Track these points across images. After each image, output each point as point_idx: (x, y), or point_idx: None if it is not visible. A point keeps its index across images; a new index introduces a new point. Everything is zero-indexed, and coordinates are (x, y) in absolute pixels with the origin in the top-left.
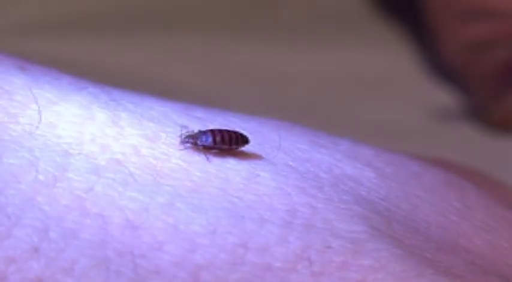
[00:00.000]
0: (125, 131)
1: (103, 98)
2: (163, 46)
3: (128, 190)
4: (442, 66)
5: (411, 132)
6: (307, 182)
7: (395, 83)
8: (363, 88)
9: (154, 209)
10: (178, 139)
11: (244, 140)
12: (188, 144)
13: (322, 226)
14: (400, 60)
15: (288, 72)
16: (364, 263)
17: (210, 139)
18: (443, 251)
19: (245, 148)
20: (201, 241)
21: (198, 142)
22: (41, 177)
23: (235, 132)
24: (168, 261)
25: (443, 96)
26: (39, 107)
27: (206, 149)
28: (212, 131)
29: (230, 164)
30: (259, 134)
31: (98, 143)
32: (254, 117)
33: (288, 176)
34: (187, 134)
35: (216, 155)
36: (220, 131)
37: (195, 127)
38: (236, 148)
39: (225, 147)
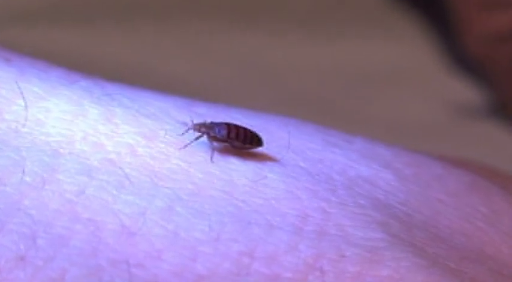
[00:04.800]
0: (119, 128)
1: (96, 93)
2: (161, 37)
3: (123, 193)
4: (463, 59)
5: (431, 130)
6: (319, 184)
7: (413, 77)
8: (379, 83)
9: (152, 213)
10: (179, 137)
11: (259, 142)
12: (198, 134)
13: (335, 233)
14: (418, 52)
15: (297, 65)
16: (382, 274)
17: (224, 132)
18: (468, 260)
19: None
20: (203, 249)
21: (211, 133)
22: (27, 178)
23: (251, 131)
24: (167, 271)
25: (465, 91)
26: (25, 103)
27: (217, 141)
28: (228, 124)
29: (234, 164)
30: (266, 131)
31: (90, 141)
32: (260, 114)
33: (298, 178)
34: (199, 123)
35: (220, 154)
36: (236, 126)
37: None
38: (248, 148)
39: (237, 144)
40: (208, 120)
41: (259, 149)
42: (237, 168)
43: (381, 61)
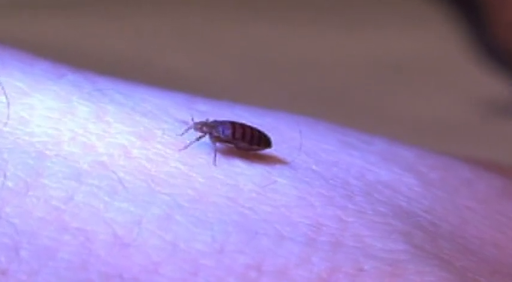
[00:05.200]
0: (112, 127)
1: (86, 88)
2: (157, 26)
3: (116, 200)
4: (493, 50)
5: (459, 129)
6: (334, 190)
7: (438, 70)
8: (400, 76)
9: (148, 222)
10: (178, 137)
11: (267, 142)
12: (199, 134)
13: (352, 244)
14: (443, 43)
15: (310, 57)
16: None
17: (229, 132)
18: (500, 274)
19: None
20: (205, 262)
21: (214, 132)
22: (9, 183)
23: (259, 131)
24: None
25: (495, 86)
26: (7, 99)
27: (221, 141)
28: (233, 123)
29: (240, 168)
30: (275, 131)
31: (79, 142)
32: (269, 111)
33: (311, 182)
34: (200, 121)
35: (223, 156)
36: (242, 125)
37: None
38: (255, 149)
39: (243, 145)
40: (211, 119)
41: (268, 151)
42: (242, 172)
43: (403, 52)
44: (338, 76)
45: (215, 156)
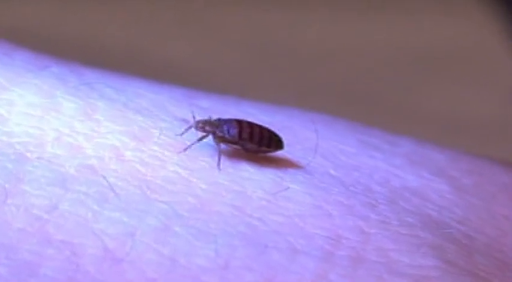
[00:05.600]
0: (102, 126)
1: (72, 82)
2: (153, 11)
3: (107, 209)
4: None
5: (496, 128)
6: (355, 197)
7: (474, 62)
8: (430, 68)
9: (144, 234)
10: (177, 137)
11: (278, 143)
12: (201, 133)
13: (376, 259)
14: (480, 32)
15: (326, 46)
16: None
17: (235, 131)
18: None
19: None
20: (208, 279)
21: (218, 132)
22: None
23: (269, 130)
24: None
25: None
26: None
27: (226, 142)
28: (239, 121)
29: (248, 172)
30: (287, 130)
31: (64, 143)
32: (280, 108)
33: (328, 189)
34: (203, 119)
35: (229, 159)
36: (249, 124)
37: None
38: (265, 151)
39: (251, 147)
40: (214, 117)
41: (279, 153)
42: (250, 177)
43: (433, 41)
44: (358, 67)
45: (219, 159)
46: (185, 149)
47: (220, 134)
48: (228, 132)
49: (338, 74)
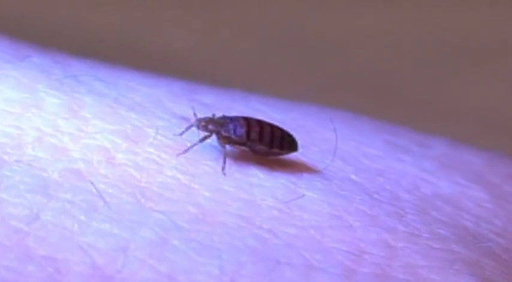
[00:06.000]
0: (89, 125)
1: (56, 74)
2: None
3: (95, 219)
4: None
5: None
6: (379, 206)
7: None
8: (466, 60)
9: (138, 249)
10: (176, 138)
11: (292, 145)
12: (204, 133)
13: (403, 277)
14: None
15: (349, 34)
16: None
17: (242, 131)
18: None
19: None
20: None
21: (223, 132)
22: None
23: (281, 130)
24: None
25: None
26: None
27: (232, 143)
28: (247, 119)
29: (257, 178)
30: (302, 130)
31: (47, 144)
32: (294, 104)
33: (349, 197)
34: (205, 117)
35: (235, 162)
36: (259, 122)
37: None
38: (277, 154)
39: (261, 148)
40: (219, 114)
41: (293, 155)
42: (260, 183)
43: (472, 31)
44: (384, 59)
45: (224, 162)
46: (185, 151)
47: (225, 134)
48: (235, 131)
49: (361, 66)
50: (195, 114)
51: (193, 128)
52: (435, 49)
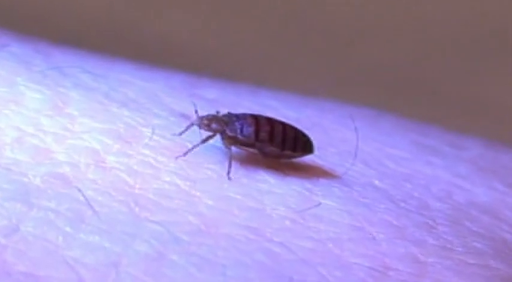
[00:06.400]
0: (76, 123)
1: (37, 65)
2: None
3: (83, 231)
4: None
5: None
6: (407, 216)
7: None
8: (504, 51)
9: (131, 264)
10: (175, 138)
11: (306, 146)
12: (207, 133)
13: None
14: None
15: (371, 21)
16: None
17: (251, 130)
18: None
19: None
20: None
21: (228, 131)
22: None
23: (294, 129)
24: None
25: None
26: None
27: (238, 144)
28: (256, 117)
29: (267, 183)
30: (319, 129)
31: (27, 145)
32: (310, 100)
33: (372, 205)
34: (208, 115)
35: (242, 166)
36: (269, 120)
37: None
38: (289, 156)
39: (272, 150)
40: (224, 111)
41: (308, 158)
42: (270, 189)
43: (506, 15)
44: (410, 48)
45: (230, 166)
46: (185, 153)
47: (231, 134)
48: (242, 131)
49: (384, 57)
50: (196, 111)
51: (195, 127)
52: (470, 39)
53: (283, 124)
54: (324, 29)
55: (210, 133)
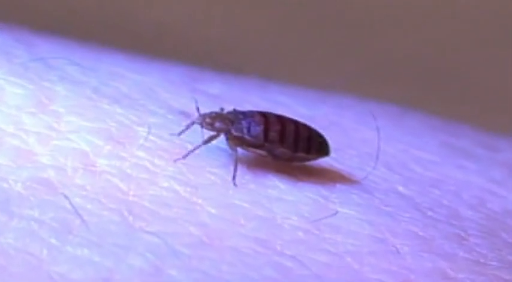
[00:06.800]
0: (62, 122)
1: (19, 56)
2: None
3: (70, 243)
4: None
5: None
6: (435, 226)
7: None
8: None
9: (123, 280)
10: (173, 138)
11: (322, 147)
12: (210, 133)
13: None
14: None
15: (395, 7)
16: None
17: (259, 130)
18: None
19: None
20: None
21: (234, 131)
22: None
23: (308, 129)
24: None
25: None
26: None
27: (245, 145)
28: (264, 115)
29: (278, 189)
30: (336, 128)
31: (7, 147)
32: (326, 95)
33: (395, 214)
34: (211, 112)
35: (250, 170)
36: (280, 119)
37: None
38: (303, 159)
39: (282, 152)
40: (229, 108)
41: (323, 161)
42: (281, 196)
43: None
44: (437, 38)
45: (235, 170)
46: (185, 156)
47: (236, 134)
48: (249, 130)
49: (409, 47)
50: (197, 108)
51: (196, 126)
52: (506, 23)
53: (296, 123)
54: (341, 15)
55: (213, 133)
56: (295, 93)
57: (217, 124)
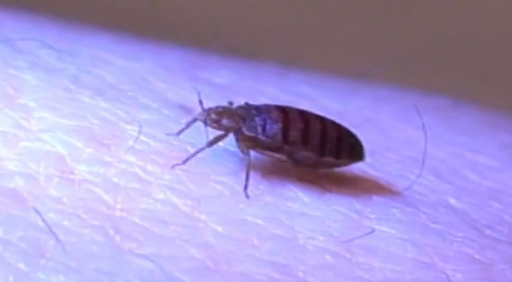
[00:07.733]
0: (33, 118)
1: None
2: None
3: (42, 269)
4: None
5: None
6: (494, 248)
7: None
8: None
9: None
10: (171, 139)
11: (354, 151)
12: (217, 133)
13: None
14: None
15: None
16: None
17: (277, 128)
18: None
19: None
20: None
21: (245, 130)
22: None
23: (338, 128)
24: None
25: None
26: None
27: (260, 148)
28: (284, 110)
29: (300, 202)
30: (372, 125)
31: None
32: (359, 85)
33: (445, 233)
34: (217, 107)
35: (264, 177)
36: (302, 115)
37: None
38: (331, 164)
39: (305, 155)
40: (239, 101)
41: (356, 167)
42: (304, 210)
43: None
44: (491, 18)
45: (247, 177)
46: (185, 161)
47: (249, 133)
48: (264, 129)
49: (459, 27)
50: (200, 102)
51: (198, 124)
52: None
53: (322, 120)
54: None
55: (220, 132)
56: (321, 83)
57: (224, 121)
